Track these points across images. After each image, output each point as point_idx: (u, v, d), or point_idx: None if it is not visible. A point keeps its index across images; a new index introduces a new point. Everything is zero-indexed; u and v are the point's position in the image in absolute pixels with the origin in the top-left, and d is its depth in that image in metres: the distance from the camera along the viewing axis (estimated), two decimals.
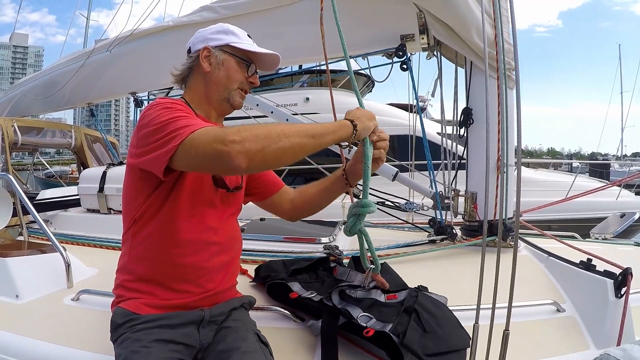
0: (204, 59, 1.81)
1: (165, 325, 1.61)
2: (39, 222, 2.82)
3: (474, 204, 3.14)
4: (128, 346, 1.55)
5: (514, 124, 2.62)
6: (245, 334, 1.68)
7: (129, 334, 1.59)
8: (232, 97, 1.85)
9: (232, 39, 1.83)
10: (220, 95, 1.84)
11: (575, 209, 7.19)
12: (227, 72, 1.82)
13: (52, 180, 14.98)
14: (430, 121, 9.92)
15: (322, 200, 2.10)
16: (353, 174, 1.95)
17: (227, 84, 1.83)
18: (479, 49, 2.94)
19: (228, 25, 1.88)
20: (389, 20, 3.23)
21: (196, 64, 1.84)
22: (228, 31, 1.85)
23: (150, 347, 1.53)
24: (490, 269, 1.52)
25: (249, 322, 1.81)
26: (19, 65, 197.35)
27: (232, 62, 1.83)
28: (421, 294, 1.96)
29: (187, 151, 1.41)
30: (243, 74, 1.86)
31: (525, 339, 1.91)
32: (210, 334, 1.70)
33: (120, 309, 1.69)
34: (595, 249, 2.65)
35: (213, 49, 1.82)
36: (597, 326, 1.99)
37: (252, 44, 1.87)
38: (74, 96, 5.67)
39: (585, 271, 2.23)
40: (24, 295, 2.45)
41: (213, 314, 1.73)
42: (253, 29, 3.56)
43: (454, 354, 1.68)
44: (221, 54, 1.82)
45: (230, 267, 1.87)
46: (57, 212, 4.25)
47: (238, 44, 1.83)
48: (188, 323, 1.66)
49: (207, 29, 1.88)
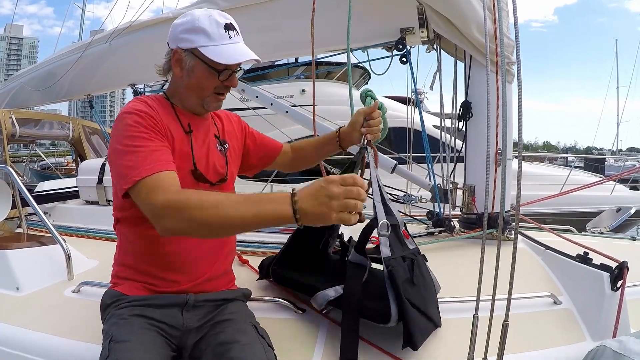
0: (175, 63, 1.73)
1: (149, 305, 1.65)
2: (38, 214, 2.82)
3: (472, 197, 3.16)
4: (111, 321, 1.60)
5: (512, 117, 2.65)
6: (244, 327, 1.68)
7: (113, 311, 1.64)
8: (206, 103, 1.77)
9: (202, 40, 1.65)
10: (194, 101, 1.77)
11: (570, 203, 7.23)
12: (198, 81, 1.72)
13: (48, 172, 14.93)
14: (427, 114, 9.93)
15: (316, 158, 2.29)
16: (346, 140, 2.05)
17: (199, 92, 1.75)
18: (479, 43, 2.96)
19: (200, 21, 1.66)
20: (389, 13, 3.23)
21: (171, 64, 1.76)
22: (199, 30, 1.65)
23: (130, 319, 1.58)
24: (488, 261, 1.53)
25: (247, 314, 1.81)
26: (14, 57, 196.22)
27: (203, 69, 1.69)
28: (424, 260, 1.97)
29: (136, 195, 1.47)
30: (215, 81, 1.72)
31: (523, 330, 1.92)
32: (195, 317, 1.70)
33: (110, 291, 1.74)
34: (592, 243, 2.67)
35: (183, 52, 1.69)
36: (594, 318, 2.01)
37: (228, 38, 1.69)
38: (72, 88, 5.67)
39: (582, 264, 2.24)
40: (25, 288, 2.45)
41: (198, 299, 1.73)
42: (252, 21, 3.61)
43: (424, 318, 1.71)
44: (191, 58, 1.69)
45: (221, 253, 1.86)
46: (56, 204, 4.25)
47: (207, 49, 1.65)
48: (172, 305, 1.68)
49: (179, 24, 1.70)
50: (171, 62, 1.74)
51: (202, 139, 1.82)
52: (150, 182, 1.45)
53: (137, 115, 1.59)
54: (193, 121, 1.78)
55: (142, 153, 1.51)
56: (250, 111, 4.91)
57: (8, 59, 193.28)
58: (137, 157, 1.50)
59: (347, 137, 2.03)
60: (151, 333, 1.57)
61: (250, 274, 2.52)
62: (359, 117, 1.95)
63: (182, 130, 1.73)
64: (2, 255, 2.54)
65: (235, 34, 1.71)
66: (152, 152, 1.53)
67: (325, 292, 1.81)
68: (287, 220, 1.31)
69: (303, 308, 2.08)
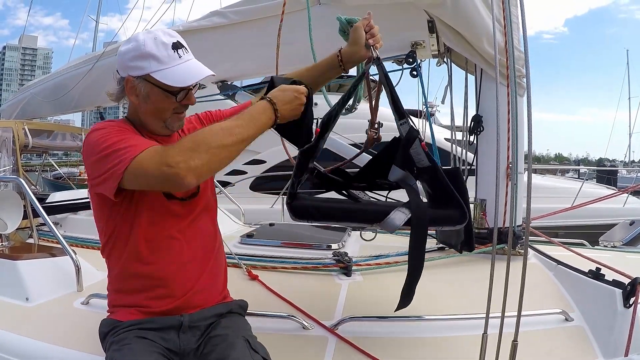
0: (129, 92, 1.68)
1: (145, 328, 1.63)
2: (49, 225, 2.84)
3: (482, 212, 3.14)
4: (112, 348, 1.59)
5: (522, 130, 2.64)
6: (235, 341, 1.65)
7: (112, 339, 1.62)
8: (168, 124, 1.73)
9: (153, 66, 1.61)
10: (156, 124, 1.73)
11: (582, 216, 7.15)
12: (155, 105, 1.68)
13: (60, 182, 15.00)
14: (438, 127, 9.91)
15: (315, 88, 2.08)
16: (349, 60, 1.97)
17: (159, 115, 1.70)
18: (489, 56, 2.94)
19: (146, 46, 1.60)
20: (400, 27, 3.23)
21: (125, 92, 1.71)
22: (147, 55, 1.60)
23: (131, 343, 1.55)
24: (499, 277, 1.52)
25: (241, 327, 1.77)
26: (28, 67, 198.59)
27: (158, 94, 1.65)
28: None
29: (134, 175, 1.46)
30: (173, 103, 1.68)
31: (533, 348, 1.90)
32: (192, 339, 1.68)
33: (106, 320, 1.73)
34: (604, 257, 2.64)
35: (135, 79, 1.65)
36: (605, 336, 1.98)
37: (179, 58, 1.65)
38: (83, 99, 5.70)
39: (594, 280, 2.22)
40: (34, 298, 2.46)
41: (193, 319, 1.70)
42: (263, 35, 3.61)
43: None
44: (144, 85, 1.65)
45: (207, 265, 1.81)
46: (67, 215, 4.27)
47: (160, 73, 1.61)
48: (167, 328, 1.66)
49: (125, 52, 1.65)
50: (125, 90, 1.69)
51: None
52: (143, 155, 1.46)
53: (104, 129, 1.59)
54: (160, 141, 1.72)
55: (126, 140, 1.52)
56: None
57: (22, 69, 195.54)
58: (124, 142, 1.50)
59: (350, 57, 1.94)
60: (155, 356, 1.56)
61: (262, 289, 2.52)
62: (358, 32, 1.90)
63: None
64: (13, 265, 2.55)
65: (184, 51, 1.68)
66: (130, 139, 1.53)
67: (392, 217, 1.69)
68: (271, 122, 1.63)
69: (310, 325, 2.07)
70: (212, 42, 3.83)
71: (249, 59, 4.00)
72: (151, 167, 1.43)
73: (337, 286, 2.61)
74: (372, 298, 2.47)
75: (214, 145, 1.45)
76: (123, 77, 1.68)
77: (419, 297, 1.77)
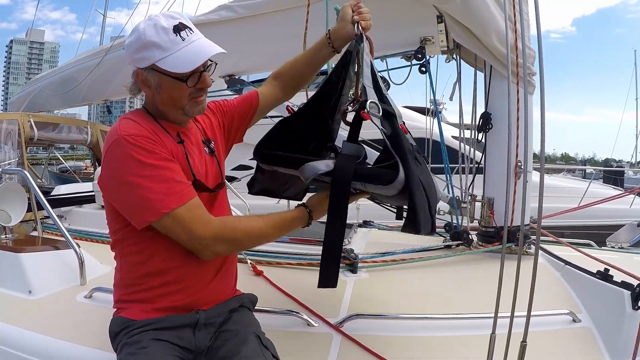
0: (142, 84, 1.65)
1: (160, 328, 1.58)
2: (53, 218, 2.83)
3: (490, 210, 3.12)
4: (125, 350, 1.54)
5: (532, 129, 2.61)
6: (246, 337, 1.63)
7: (125, 340, 1.57)
8: (187, 111, 1.68)
9: (157, 54, 1.56)
10: (175, 113, 1.69)
11: (588, 216, 7.09)
12: (169, 94, 1.64)
13: (66, 175, 15.02)
14: (446, 125, 9.86)
15: (310, 70, 2.12)
16: (339, 38, 1.94)
17: (176, 104, 1.66)
18: (499, 53, 2.92)
19: (147, 34, 1.55)
20: (409, 22, 3.20)
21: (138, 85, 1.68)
22: (149, 44, 1.55)
23: (148, 347, 1.51)
24: (507, 276, 1.49)
25: (251, 323, 1.76)
26: (35, 61, 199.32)
27: (169, 82, 1.61)
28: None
29: (165, 226, 1.53)
30: (186, 89, 1.63)
31: (541, 349, 1.88)
32: (207, 336, 1.65)
33: (117, 318, 1.67)
34: (611, 258, 2.61)
35: (144, 71, 1.61)
36: (613, 338, 1.96)
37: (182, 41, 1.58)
38: (90, 93, 5.71)
39: (602, 281, 2.20)
40: (37, 291, 2.45)
41: (209, 316, 1.68)
42: (272, 29, 3.58)
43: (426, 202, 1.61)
44: (153, 76, 1.61)
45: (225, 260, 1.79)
46: (72, 208, 4.27)
47: (164, 61, 1.56)
48: (183, 326, 1.62)
49: (129, 45, 1.61)
50: (137, 83, 1.66)
51: (194, 147, 1.76)
52: (184, 214, 1.51)
53: (137, 143, 1.52)
54: (180, 131, 1.72)
55: (158, 180, 1.50)
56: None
57: (29, 63, 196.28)
58: (155, 185, 1.49)
59: (338, 35, 1.92)
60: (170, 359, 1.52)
61: (267, 285, 2.51)
62: (345, 9, 1.89)
63: (174, 143, 1.66)
64: (16, 258, 2.54)
65: (188, 32, 1.60)
66: (168, 178, 1.51)
67: (314, 164, 1.65)
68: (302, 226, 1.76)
69: (315, 321, 2.06)
70: (220, 36, 3.79)
71: (257, 53, 3.98)
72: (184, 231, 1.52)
73: (342, 283, 2.58)
74: (378, 295, 2.45)
75: (246, 246, 1.82)
76: (134, 71, 1.65)
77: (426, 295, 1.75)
